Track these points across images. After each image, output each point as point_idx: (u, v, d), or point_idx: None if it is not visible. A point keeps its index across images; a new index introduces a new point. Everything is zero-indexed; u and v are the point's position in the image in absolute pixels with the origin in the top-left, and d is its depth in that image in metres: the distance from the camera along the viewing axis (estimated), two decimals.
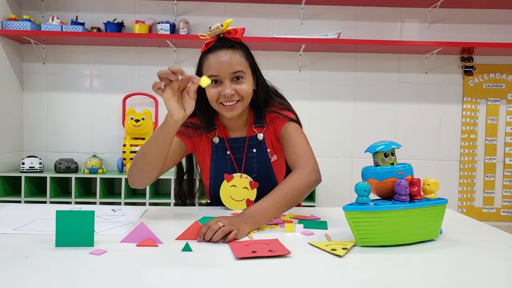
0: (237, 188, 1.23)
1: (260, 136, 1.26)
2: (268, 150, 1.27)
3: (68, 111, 2.89)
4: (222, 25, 1.16)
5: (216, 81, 1.16)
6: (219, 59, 1.15)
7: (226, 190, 1.23)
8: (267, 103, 1.27)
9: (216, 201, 1.30)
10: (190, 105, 1.02)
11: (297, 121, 1.26)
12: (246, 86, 1.17)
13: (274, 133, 1.26)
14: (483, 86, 2.93)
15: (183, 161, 1.36)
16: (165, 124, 1.04)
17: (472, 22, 2.90)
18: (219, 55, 1.15)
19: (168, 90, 0.98)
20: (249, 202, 1.23)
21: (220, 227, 0.89)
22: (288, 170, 1.31)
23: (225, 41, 1.17)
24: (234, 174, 1.24)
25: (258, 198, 1.06)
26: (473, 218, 1.16)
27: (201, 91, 1.23)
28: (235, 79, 1.16)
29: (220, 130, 1.28)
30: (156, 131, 1.07)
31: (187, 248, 0.83)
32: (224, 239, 0.89)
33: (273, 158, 1.28)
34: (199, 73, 1.21)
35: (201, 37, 1.21)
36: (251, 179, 1.24)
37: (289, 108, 1.29)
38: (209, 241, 0.88)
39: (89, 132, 2.90)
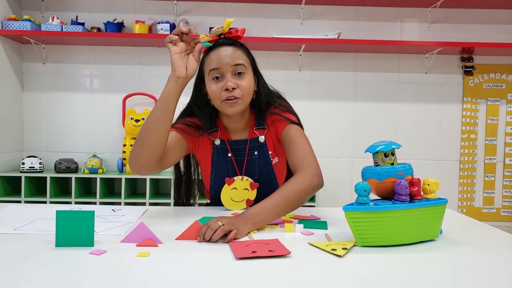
0: (238, 190, 1.23)
1: (262, 138, 1.25)
2: (270, 152, 1.26)
3: (68, 111, 2.89)
4: (222, 26, 1.17)
5: (217, 77, 1.15)
6: (221, 53, 1.15)
7: (227, 193, 1.23)
8: (268, 104, 1.26)
9: (216, 202, 1.30)
10: (193, 66, 1.10)
11: (299, 123, 1.25)
12: (247, 83, 1.16)
13: (275, 135, 1.26)
14: (483, 86, 2.93)
15: (181, 164, 1.35)
16: (166, 84, 1.09)
17: (472, 22, 2.90)
18: (220, 50, 1.16)
19: (179, 44, 1.08)
20: (249, 202, 1.23)
21: (220, 226, 0.89)
22: (289, 172, 1.30)
23: (226, 39, 1.18)
24: (235, 177, 1.23)
25: (258, 200, 1.06)
26: (473, 218, 1.16)
27: (203, 94, 1.23)
28: (236, 74, 1.15)
29: (221, 132, 1.26)
30: (158, 99, 1.11)
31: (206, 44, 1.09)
32: (224, 238, 0.89)
33: (275, 160, 1.27)
34: (201, 73, 1.21)
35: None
36: (252, 181, 1.24)
37: (290, 110, 1.28)
38: (209, 240, 0.88)
39: (89, 132, 2.90)
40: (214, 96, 1.17)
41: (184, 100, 1.25)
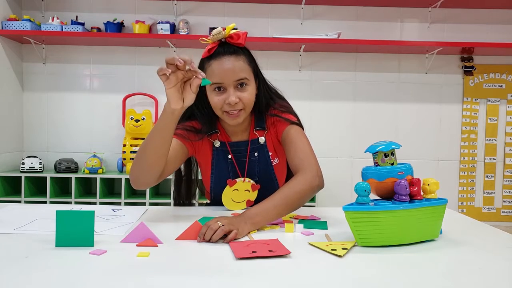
0: (239, 191, 1.23)
1: (262, 139, 1.25)
2: (270, 153, 1.26)
3: (68, 111, 2.89)
4: (224, 29, 1.13)
5: (219, 88, 1.14)
6: (223, 66, 1.12)
7: (228, 194, 1.23)
8: (268, 106, 1.25)
9: (216, 202, 1.30)
10: (190, 97, 1.01)
11: (299, 124, 1.25)
12: (250, 94, 1.15)
13: (275, 136, 1.25)
14: (483, 86, 2.93)
15: (181, 165, 1.34)
16: (162, 114, 1.03)
17: (472, 22, 2.90)
18: (223, 61, 1.12)
19: (172, 77, 0.97)
20: (249, 203, 1.23)
21: (220, 227, 0.89)
22: (289, 173, 1.30)
23: (227, 46, 1.14)
24: (237, 179, 1.23)
25: (258, 201, 1.06)
26: (473, 218, 1.16)
27: (203, 96, 1.22)
28: (239, 86, 1.14)
29: (221, 134, 1.26)
30: (155, 125, 1.06)
31: (205, 81, 0.96)
32: (224, 239, 0.89)
33: (275, 161, 1.27)
34: None
35: (201, 41, 1.17)
36: (253, 182, 1.24)
37: (290, 110, 1.27)
38: (209, 241, 0.88)
39: (89, 132, 2.90)
40: (215, 107, 1.16)
41: None
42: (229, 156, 1.25)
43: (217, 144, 1.25)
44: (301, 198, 1.06)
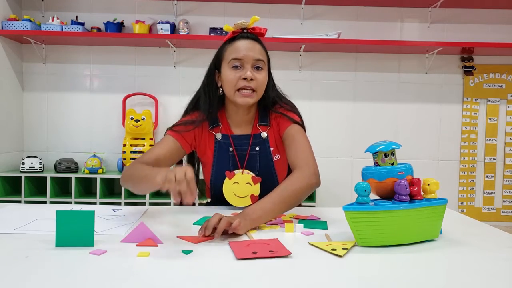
0: (240, 185, 1.24)
1: (264, 134, 1.27)
2: (271, 149, 1.28)
3: (68, 111, 2.89)
4: (247, 22, 1.22)
5: (237, 66, 1.19)
6: (245, 45, 1.19)
7: (229, 187, 1.24)
8: (274, 103, 1.28)
9: (216, 199, 1.30)
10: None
11: (302, 125, 1.27)
12: (263, 78, 1.21)
13: (278, 132, 1.28)
14: (483, 86, 2.93)
15: (184, 161, 1.36)
16: (151, 180, 0.96)
17: (472, 22, 2.90)
18: (244, 42, 1.20)
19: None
20: (253, 198, 1.23)
21: (222, 217, 0.91)
22: (290, 171, 1.31)
23: (250, 34, 1.22)
24: (235, 171, 1.25)
25: (260, 196, 1.07)
26: (473, 218, 1.16)
27: (212, 82, 1.25)
28: (255, 68, 1.19)
29: (223, 127, 1.28)
30: (148, 177, 1.01)
31: (187, 251, 0.82)
32: (226, 234, 0.90)
33: (276, 157, 1.28)
34: (218, 60, 1.24)
35: (225, 29, 1.24)
36: (253, 174, 1.25)
37: (295, 111, 1.31)
38: (213, 233, 0.89)
39: (89, 132, 2.90)
40: (229, 84, 1.20)
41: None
42: (231, 149, 1.26)
43: (219, 136, 1.27)
44: (298, 196, 1.08)
